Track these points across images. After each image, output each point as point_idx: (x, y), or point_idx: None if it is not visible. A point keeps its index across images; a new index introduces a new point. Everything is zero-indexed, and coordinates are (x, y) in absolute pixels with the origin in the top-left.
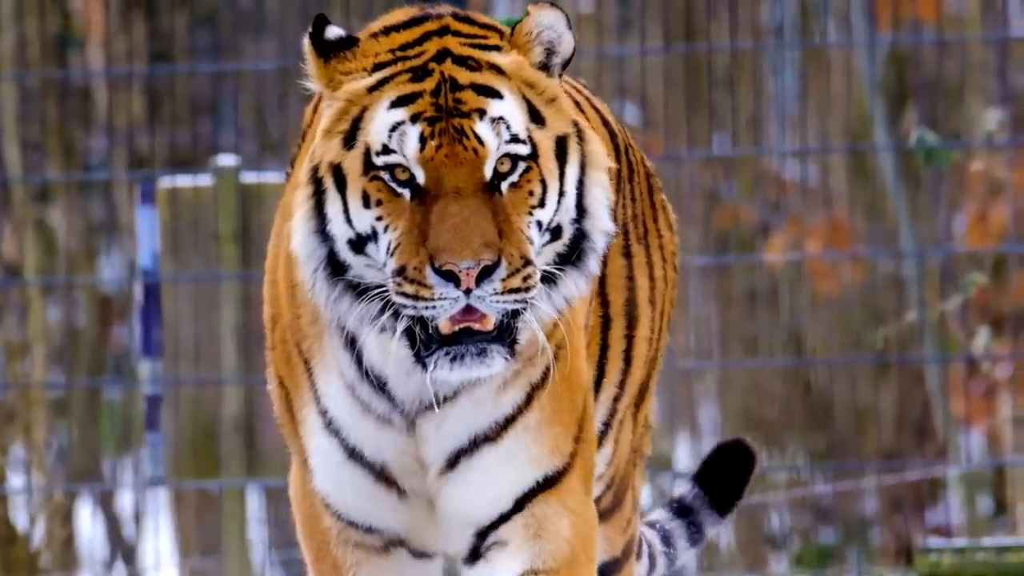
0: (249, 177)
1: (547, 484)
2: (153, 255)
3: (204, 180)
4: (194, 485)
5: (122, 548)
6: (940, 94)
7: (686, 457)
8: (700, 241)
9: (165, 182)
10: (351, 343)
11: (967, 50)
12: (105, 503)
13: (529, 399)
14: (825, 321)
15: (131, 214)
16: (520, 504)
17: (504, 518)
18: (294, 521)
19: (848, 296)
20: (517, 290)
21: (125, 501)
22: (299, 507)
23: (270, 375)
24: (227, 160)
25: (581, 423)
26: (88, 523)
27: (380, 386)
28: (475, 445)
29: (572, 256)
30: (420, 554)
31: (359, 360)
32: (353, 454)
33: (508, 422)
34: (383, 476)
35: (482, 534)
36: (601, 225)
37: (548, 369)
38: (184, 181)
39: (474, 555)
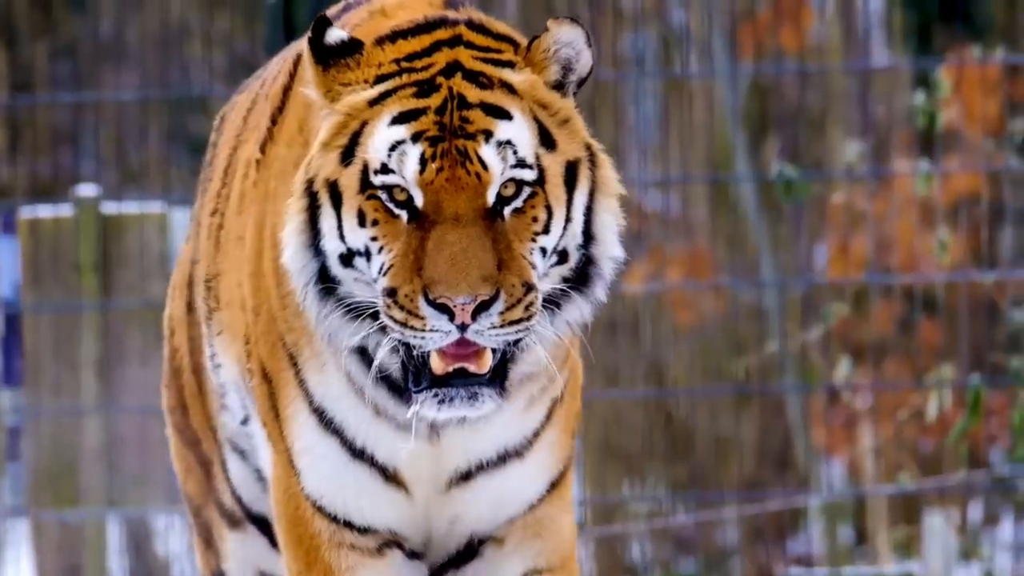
0: (110, 207)
1: (552, 487)
2: (13, 285)
3: (65, 210)
4: (54, 516)
5: None
6: (802, 124)
7: None
8: None
9: (26, 212)
10: (363, 350)
11: (829, 80)
12: None
13: (550, 414)
14: (686, 351)
15: None
16: (528, 509)
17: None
18: (279, 522)
19: (709, 326)
20: (518, 320)
21: None
22: (284, 510)
23: (253, 371)
24: (88, 190)
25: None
26: None
27: (393, 388)
28: (502, 460)
29: (579, 281)
30: (413, 555)
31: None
32: (361, 455)
33: (534, 437)
34: (392, 478)
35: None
36: (609, 251)
37: (565, 384)
38: (45, 211)
39: (468, 554)
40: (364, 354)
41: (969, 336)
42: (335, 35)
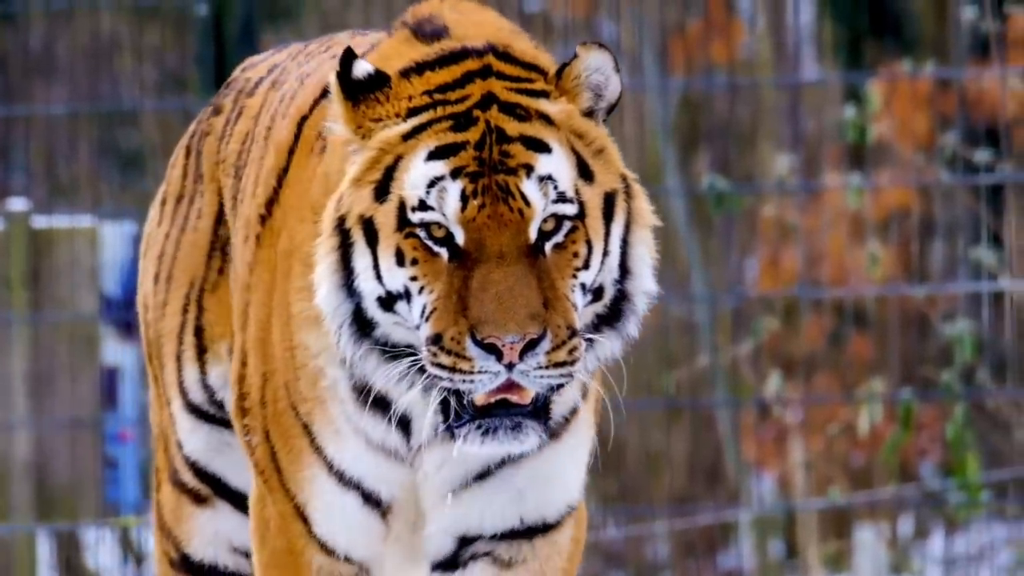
0: (40, 221)
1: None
2: None
3: None
4: None
5: None
6: (732, 138)
7: None
8: None
9: None
10: (378, 403)
11: (759, 94)
12: None
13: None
14: (616, 365)
15: None
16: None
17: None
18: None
19: (639, 340)
20: (562, 363)
21: None
22: (270, 543)
23: (252, 429)
24: (18, 204)
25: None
26: None
27: (404, 425)
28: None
29: (611, 317)
30: None
31: (388, 418)
32: (368, 499)
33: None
34: (385, 513)
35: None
36: (644, 286)
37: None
38: None
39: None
40: (373, 404)
41: (900, 350)
42: (362, 68)
